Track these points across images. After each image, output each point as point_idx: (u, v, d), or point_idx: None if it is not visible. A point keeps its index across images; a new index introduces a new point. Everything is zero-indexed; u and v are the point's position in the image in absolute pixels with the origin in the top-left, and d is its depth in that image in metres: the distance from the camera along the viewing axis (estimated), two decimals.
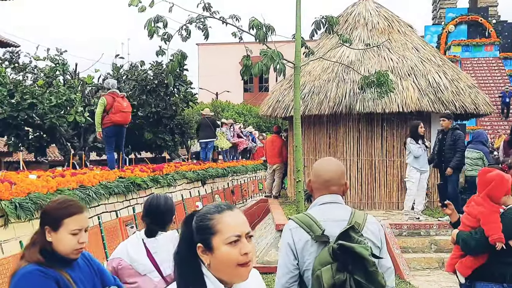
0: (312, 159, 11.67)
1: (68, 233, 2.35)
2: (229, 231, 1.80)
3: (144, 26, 6.70)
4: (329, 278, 2.34)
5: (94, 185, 7.04)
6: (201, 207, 8.40)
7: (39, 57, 15.04)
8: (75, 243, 2.36)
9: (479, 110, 10.95)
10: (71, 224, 2.36)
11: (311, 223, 2.55)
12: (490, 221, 3.64)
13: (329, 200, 2.67)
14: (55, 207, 2.41)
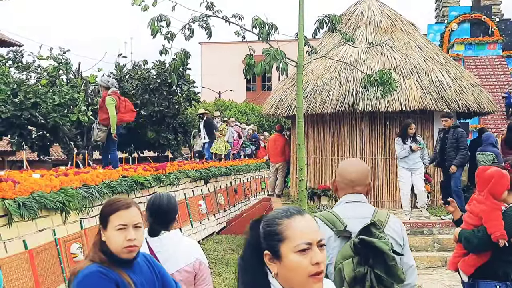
0: (315, 157, 11.68)
1: (114, 230, 2.32)
2: (298, 238, 1.64)
3: (147, 25, 6.71)
4: (350, 271, 2.47)
5: (97, 184, 7.05)
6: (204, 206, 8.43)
7: (42, 57, 15.04)
8: (122, 240, 2.31)
9: (482, 108, 10.94)
10: (115, 220, 2.33)
11: (334, 219, 2.69)
12: (491, 219, 3.64)
13: (353, 199, 2.80)
14: (104, 205, 2.42)
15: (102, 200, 7.02)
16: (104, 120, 8.92)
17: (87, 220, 6.56)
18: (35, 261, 5.22)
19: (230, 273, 8.31)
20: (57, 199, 5.72)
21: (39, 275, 5.24)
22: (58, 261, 5.70)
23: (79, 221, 6.37)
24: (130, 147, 18.90)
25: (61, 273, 5.70)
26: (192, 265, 3.02)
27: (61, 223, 5.90)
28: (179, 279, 2.98)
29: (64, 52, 15.30)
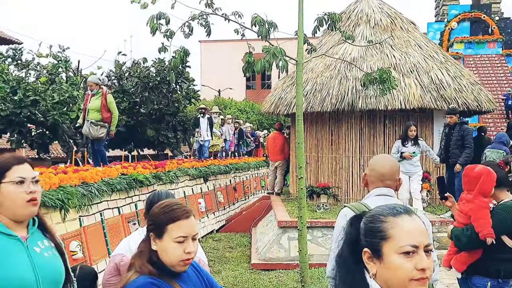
0: (314, 156, 11.67)
1: (172, 241, 2.11)
2: (404, 238, 1.52)
3: (147, 23, 6.70)
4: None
5: (97, 182, 7.05)
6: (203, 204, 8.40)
7: (41, 54, 15.03)
8: (180, 253, 2.11)
9: (482, 107, 10.93)
10: (175, 231, 2.12)
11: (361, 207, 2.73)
12: (479, 217, 3.70)
13: (382, 192, 2.94)
14: (159, 211, 2.20)
15: (101, 198, 7.02)
16: (106, 119, 9.04)
17: (86, 218, 6.56)
18: None
19: (229, 271, 8.32)
20: (56, 196, 5.72)
21: None
22: None
23: (78, 218, 6.36)
24: (130, 145, 18.89)
25: None
26: None
27: (60, 221, 5.90)
28: None
29: (64, 49, 15.29)
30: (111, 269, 3.12)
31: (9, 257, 2.05)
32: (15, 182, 2.12)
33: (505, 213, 3.70)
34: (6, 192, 2.10)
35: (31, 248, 2.13)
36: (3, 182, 2.11)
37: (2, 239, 2.07)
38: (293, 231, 8.63)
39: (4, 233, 2.09)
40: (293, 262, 8.39)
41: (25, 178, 2.15)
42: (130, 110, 16.91)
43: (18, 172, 2.14)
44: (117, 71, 17.50)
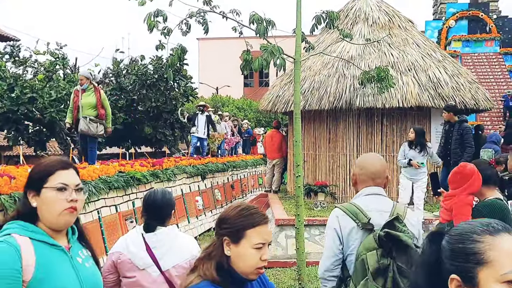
0: (312, 154, 11.68)
1: (250, 247, 1.98)
2: (508, 264, 1.24)
3: (144, 20, 6.67)
4: (375, 262, 2.60)
5: (94, 180, 7.04)
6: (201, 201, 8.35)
7: (39, 51, 15.00)
8: (257, 260, 1.99)
9: (479, 105, 10.94)
10: (255, 237, 1.99)
11: (357, 211, 2.79)
12: (460, 213, 3.85)
13: (373, 191, 2.92)
14: (237, 215, 2.04)
15: (99, 195, 7.01)
16: (102, 116, 8.70)
17: (83, 216, 6.55)
18: None
19: None
20: None
21: None
22: None
23: None
24: (127, 142, 18.89)
25: None
26: (189, 262, 3.01)
27: None
28: (175, 275, 2.98)
29: (61, 47, 15.27)
30: (109, 267, 3.13)
31: (55, 269, 1.90)
32: (57, 188, 1.97)
33: (484, 210, 3.80)
34: (45, 198, 1.96)
35: (74, 258, 2.01)
36: (45, 187, 1.97)
37: (46, 249, 1.92)
38: (291, 229, 8.64)
39: (47, 243, 1.93)
40: (291, 260, 8.40)
41: (67, 185, 2.00)
42: (128, 107, 16.90)
43: (61, 177, 2.00)
44: (114, 69, 17.48)
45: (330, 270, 2.85)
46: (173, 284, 2.99)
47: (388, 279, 2.59)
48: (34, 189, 1.96)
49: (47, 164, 2.03)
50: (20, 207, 1.99)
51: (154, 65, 17.06)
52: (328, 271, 2.86)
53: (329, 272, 2.86)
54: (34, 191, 1.96)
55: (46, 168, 2.01)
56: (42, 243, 1.91)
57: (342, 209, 2.85)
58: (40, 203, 1.95)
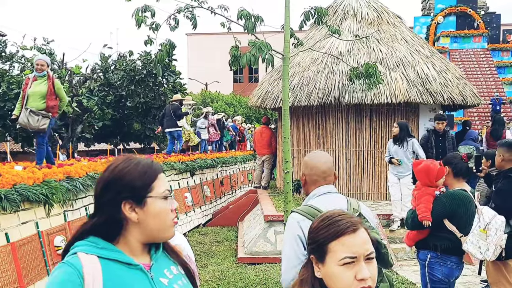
0: (301, 150, 11.69)
1: (336, 265, 1.61)
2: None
3: (132, 15, 6.63)
4: None
5: (82, 177, 7.00)
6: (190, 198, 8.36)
7: (26, 47, 14.87)
8: (351, 280, 1.59)
9: (467, 101, 11.01)
10: (340, 251, 1.61)
11: (317, 213, 2.64)
12: (421, 202, 4.25)
13: (327, 190, 2.86)
14: (318, 226, 1.70)
15: (86, 192, 6.97)
16: (52, 108, 7.67)
17: (71, 213, 6.51)
18: (18, 254, 5.17)
19: (216, 265, 8.31)
20: (40, 191, 5.67)
21: (22, 268, 5.19)
22: (41, 254, 5.65)
23: (63, 213, 6.32)
24: (116, 138, 18.78)
25: (44, 266, 5.66)
26: None
27: (44, 216, 5.85)
28: None
29: (48, 42, 15.14)
30: None
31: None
32: (163, 197, 1.63)
33: (445, 199, 4.19)
34: (154, 209, 1.60)
35: (156, 280, 1.64)
36: (150, 196, 1.60)
37: (118, 268, 1.57)
38: (280, 225, 8.65)
39: (121, 262, 1.58)
40: (279, 256, 8.40)
41: (169, 192, 1.68)
42: (116, 103, 16.80)
43: (163, 183, 1.66)
44: (102, 64, 17.35)
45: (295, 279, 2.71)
46: None
47: None
48: (135, 199, 1.58)
49: (147, 167, 1.64)
50: (98, 220, 1.59)
51: (142, 60, 16.97)
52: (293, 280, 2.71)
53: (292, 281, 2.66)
54: (133, 202, 1.58)
55: (149, 173, 1.63)
56: (113, 261, 1.57)
57: (301, 213, 2.71)
58: (143, 216, 1.59)
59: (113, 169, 1.62)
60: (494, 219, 4.20)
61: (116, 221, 1.59)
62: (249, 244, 9.00)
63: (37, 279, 5.45)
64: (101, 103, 16.04)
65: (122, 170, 1.60)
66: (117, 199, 1.57)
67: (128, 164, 1.62)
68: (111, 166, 1.63)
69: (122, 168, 1.61)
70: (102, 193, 1.59)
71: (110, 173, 1.61)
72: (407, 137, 8.58)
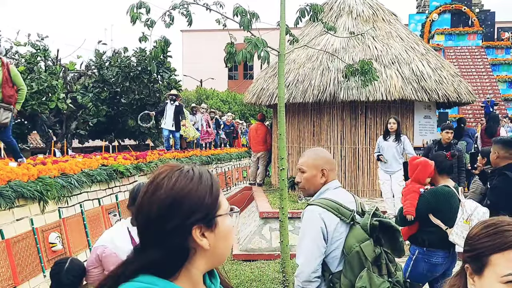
0: (296, 147, 11.70)
1: (497, 281, 1.39)
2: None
3: (126, 12, 6.60)
4: (371, 252, 2.62)
5: (76, 173, 6.98)
6: None
7: (20, 43, 14.78)
8: None
9: (462, 98, 11.05)
10: (504, 265, 1.38)
11: (336, 206, 2.76)
12: (407, 199, 4.57)
13: (338, 184, 2.94)
14: (479, 233, 1.48)
15: (81, 189, 6.94)
16: (10, 98, 6.93)
17: (65, 210, 6.49)
18: (13, 250, 5.15)
19: None
20: (34, 188, 5.65)
21: (16, 264, 5.18)
22: (36, 251, 5.64)
23: (58, 210, 6.30)
24: (110, 135, 18.73)
25: (39, 262, 5.64)
26: None
27: (39, 212, 5.83)
28: None
29: (42, 38, 15.05)
30: (93, 261, 3.11)
31: None
32: (228, 212, 1.36)
33: (429, 195, 4.50)
34: (223, 230, 1.31)
35: None
36: (220, 214, 1.31)
37: None
38: (275, 222, 8.65)
39: None
40: (275, 252, 8.42)
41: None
42: (111, 100, 16.75)
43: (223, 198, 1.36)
44: (97, 61, 17.29)
45: (315, 271, 2.75)
46: None
47: (382, 266, 2.64)
48: (205, 221, 1.27)
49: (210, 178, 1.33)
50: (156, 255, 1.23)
51: (137, 57, 16.93)
52: (314, 272, 2.75)
53: (314, 274, 2.75)
54: (203, 225, 1.26)
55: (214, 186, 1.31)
56: None
57: (322, 206, 2.76)
58: (214, 240, 1.28)
59: (171, 187, 1.24)
60: (476, 210, 4.42)
61: (181, 252, 1.25)
62: (244, 240, 9.00)
63: (32, 275, 5.44)
64: (96, 99, 15.99)
65: (185, 187, 1.25)
66: (186, 225, 1.23)
67: (187, 178, 1.28)
68: (164, 183, 1.26)
69: (184, 184, 1.26)
70: (163, 219, 1.22)
71: (169, 192, 1.24)
72: (400, 133, 8.63)
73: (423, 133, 11.33)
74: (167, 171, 1.29)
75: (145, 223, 1.25)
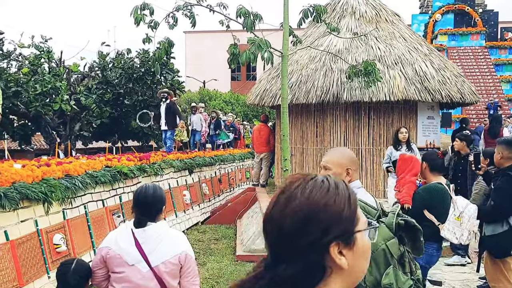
0: (299, 148, 11.69)
1: None
2: None
3: (130, 13, 6.62)
4: (397, 250, 2.66)
5: (80, 175, 6.99)
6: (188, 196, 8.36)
7: (23, 45, 14.82)
8: None
9: (465, 99, 11.02)
10: None
11: (363, 205, 2.75)
12: (403, 189, 4.74)
13: (360, 184, 2.99)
14: None
15: (85, 190, 6.97)
16: None
17: (69, 211, 6.51)
18: (17, 252, 5.17)
19: (215, 262, 8.32)
20: (39, 189, 5.66)
21: (21, 266, 5.20)
22: (40, 252, 5.65)
23: (62, 211, 6.31)
24: (114, 136, 18.77)
25: (43, 264, 5.66)
26: (178, 258, 3.00)
27: (43, 214, 5.84)
28: (164, 271, 2.97)
29: (46, 40, 15.09)
30: (98, 262, 3.12)
31: None
32: (368, 229, 1.22)
33: (423, 192, 4.61)
34: (362, 247, 1.17)
35: None
36: (359, 230, 1.17)
37: None
38: None
39: None
40: None
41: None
42: (114, 101, 16.78)
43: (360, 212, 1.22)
44: (100, 62, 17.32)
45: None
46: (162, 279, 2.98)
47: (406, 264, 2.69)
48: (343, 238, 1.13)
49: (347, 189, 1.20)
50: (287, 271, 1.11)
51: (140, 58, 16.94)
52: None
53: None
54: (342, 242, 1.13)
55: (352, 197, 1.18)
56: None
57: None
58: (352, 259, 1.14)
59: (307, 199, 1.13)
60: (467, 208, 4.61)
61: (317, 271, 1.12)
62: (248, 241, 9.01)
63: (36, 277, 5.45)
64: (99, 101, 16.02)
65: (322, 199, 1.14)
66: (323, 241, 1.11)
67: (323, 188, 1.16)
68: (298, 193, 1.15)
69: (320, 195, 1.14)
70: (297, 234, 1.11)
71: (304, 205, 1.13)
72: (410, 141, 8.50)
73: (426, 134, 11.31)
74: (299, 180, 1.19)
75: (277, 236, 1.15)
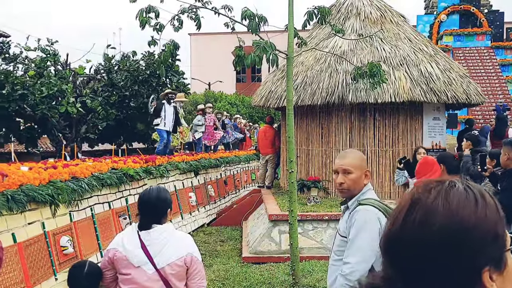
0: (305, 149, 11.69)
1: None
2: None
3: (136, 16, 6.65)
4: None
5: (87, 177, 7.01)
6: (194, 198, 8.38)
7: (29, 48, 14.90)
8: None
9: (471, 99, 11.00)
10: None
11: (384, 206, 2.87)
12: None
13: (371, 186, 3.04)
14: None
15: (92, 193, 6.99)
16: None
17: (76, 213, 6.53)
18: (24, 254, 5.19)
19: (221, 264, 8.33)
20: (46, 192, 5.69)
21: (28, 268, 5.22)
22: (47, 254, 5.68)
23: (69, 214, 6.34)
24: (120, 139, 18.82)
25: (50, 266, 5.69)
26: (183, 259, 3.01)
27: (50, 216, 5.87)
28: (170, 273, 2.98)
29: (52, 43, 15.17)
30: (106, 263, 3.15)
31: None
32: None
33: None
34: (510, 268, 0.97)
35: None
36: (508, 249, 0.97)
37: None
38: (284, 225, 8.65)
39: None
40: (284, 255, 8.42)
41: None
42: (120, 103, 16.83)
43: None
44: (106, 65, 17.39)
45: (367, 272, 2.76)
46: (168, 281, 2.99)
47: None
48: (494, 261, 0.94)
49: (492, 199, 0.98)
50: None
51: (146, 61, 16.99)
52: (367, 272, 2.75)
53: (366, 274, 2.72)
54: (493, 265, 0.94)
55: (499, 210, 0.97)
56: None
57: (377, 208, 2.84)
58: (501, 284, 0.94)
59: (453, 213, 0.92)
60: None
61: None
62: (254, 243, 9.01)
63: (43, 279, 5.48)
64: (105, 103, 16.07)
65: (472, 213, 0.92)
66: (474, 267, 0.91)
67: (469, 199, 0.95)
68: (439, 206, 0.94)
69: (469, 209, 0.93)
70: (441, 258, 0.91)
71: (451, 221, 0.91)
72: None
73: (432, 135, 11.29)
74: (436, 188, 0.96)
75: (412, 260, 0.94)
